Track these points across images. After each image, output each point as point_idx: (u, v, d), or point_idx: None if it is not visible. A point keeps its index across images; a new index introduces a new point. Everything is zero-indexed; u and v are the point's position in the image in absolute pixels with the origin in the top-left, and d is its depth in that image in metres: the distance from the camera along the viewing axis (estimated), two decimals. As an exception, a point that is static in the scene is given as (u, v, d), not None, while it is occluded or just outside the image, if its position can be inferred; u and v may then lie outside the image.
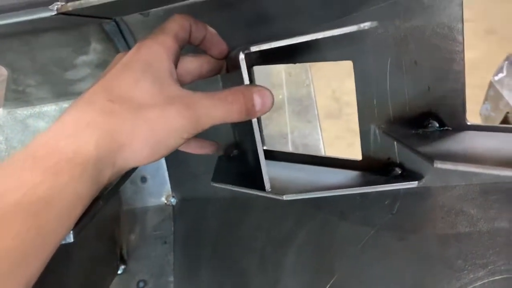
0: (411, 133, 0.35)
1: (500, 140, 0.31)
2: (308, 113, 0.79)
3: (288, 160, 0.46)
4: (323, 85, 1.52)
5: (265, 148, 0.48)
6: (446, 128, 0.35)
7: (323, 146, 0.77)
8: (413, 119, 0.36)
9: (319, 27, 0.36)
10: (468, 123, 0.34)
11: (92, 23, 0.42)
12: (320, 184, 0.38)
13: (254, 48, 0.31)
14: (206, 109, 0.29)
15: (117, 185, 0.36)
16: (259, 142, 0.33)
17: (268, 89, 0.31)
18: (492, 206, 0.33)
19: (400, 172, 0.37)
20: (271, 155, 0.47)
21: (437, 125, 0.35)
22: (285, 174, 0.42)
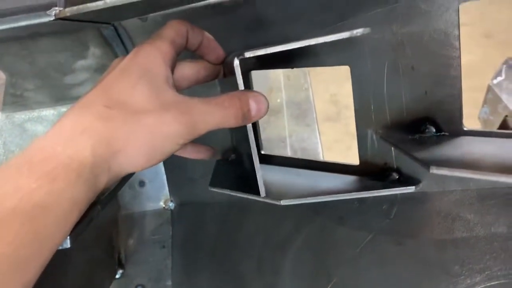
0: (408, 138, 0.35)
1: (497, 145, 0.31)
2: (306, 117, 0.79)
3: (286, 164, 0.46)
4: (322, 89, 1.52)
5: (263, 152, 0.48)
6: (443, 133, 0.35)
7: (321, 150, 0.77)
8: (410, 124, 0.36)
9: (315, 32, 0.36)
10: (465, 128, 0.34)
11: (90, 28, 0.42)
12: (318, 189, 0.38)
13: (249, 54, 0.31)
14: (202, 114, 0.29)
15: (115, 190, 0.36)
16: (253, 147, 0.33)
17: (263, 94, 0.31)
18: (489, 212, 0.33)
19: (397, 177, 0.37)
20: (269, 159, 0.47)
21: (434, 130, 0.35)
22: (282, 178, 0.42)
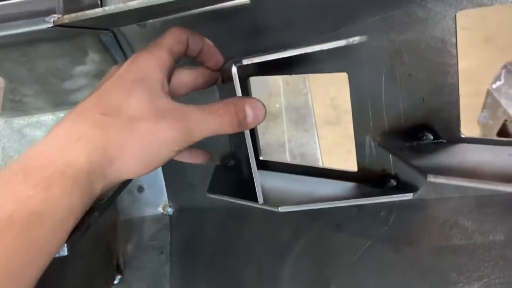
0: (406, 145, 0.35)
1: (494, 153, 0.31)
2: (305, 122, 0.79)
3: (284, 170, 0.46)
4: (322, 93, 1.52)
5: (261, 158, 0.48)
6: (441, 140, 0.35)
7: (320, 155, 0.77)
8: (408, 131, 0.36)
9: (313, 39, 0.36)
10: (463, 135, 0.34)
11: (89, 34, 0.42)
12: (316, 195, 0.38)
13: (246, 61, 0.31)
14: (197, 122, 0.29)
15: (113, 196, 0.35)
16: (251, 154, 0.33)
17: (260, 100, 0.31)
18: (487, 219, 0.33)
19: (395, 184, 0.37)
20: (267, 165, 0.47)
21: (432, 137, 0.35)
22: (281, 185, 0.42)
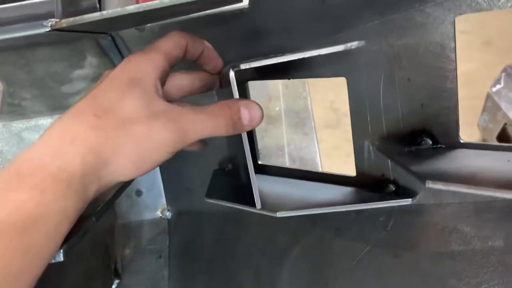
0: (404, 150, 0.35)
1: (493, 158, 0.31)
2: (305, 126, 0.79)
3: (283, 175, 0.45)
4: (321, 96, 1.52)
5: (260, 162, 0.48)
6: (440, 145, 0.35)
7: (319, 159, 0.77)
8: (407, 136, 0.36)
9: (312, 43, 0.36)
10: (462, 141, 0.34)
11: (87, 38, 0.42)
12: (314, 200, 0.38)
13: (244, 66, 0.31)
14: (192, 123, 0.29)
15: (111, 201, 0.35)
16: (249, 158, 0.33)
17: (257, 103, 0.30)
18: (486, 225, 0.33)
19: (394, 189, 0.37)
20: (266, 169, 0.47)
21: (431, 142, 0.35)
22: (279, 189, 0.42)
